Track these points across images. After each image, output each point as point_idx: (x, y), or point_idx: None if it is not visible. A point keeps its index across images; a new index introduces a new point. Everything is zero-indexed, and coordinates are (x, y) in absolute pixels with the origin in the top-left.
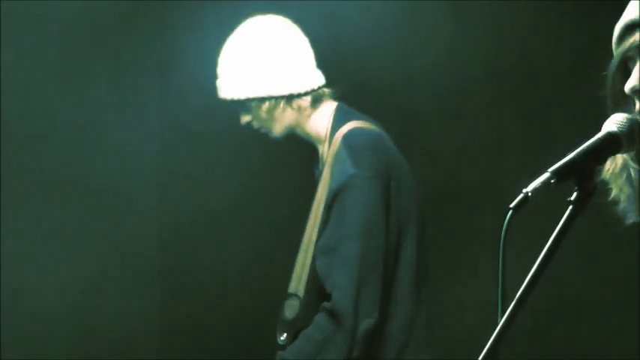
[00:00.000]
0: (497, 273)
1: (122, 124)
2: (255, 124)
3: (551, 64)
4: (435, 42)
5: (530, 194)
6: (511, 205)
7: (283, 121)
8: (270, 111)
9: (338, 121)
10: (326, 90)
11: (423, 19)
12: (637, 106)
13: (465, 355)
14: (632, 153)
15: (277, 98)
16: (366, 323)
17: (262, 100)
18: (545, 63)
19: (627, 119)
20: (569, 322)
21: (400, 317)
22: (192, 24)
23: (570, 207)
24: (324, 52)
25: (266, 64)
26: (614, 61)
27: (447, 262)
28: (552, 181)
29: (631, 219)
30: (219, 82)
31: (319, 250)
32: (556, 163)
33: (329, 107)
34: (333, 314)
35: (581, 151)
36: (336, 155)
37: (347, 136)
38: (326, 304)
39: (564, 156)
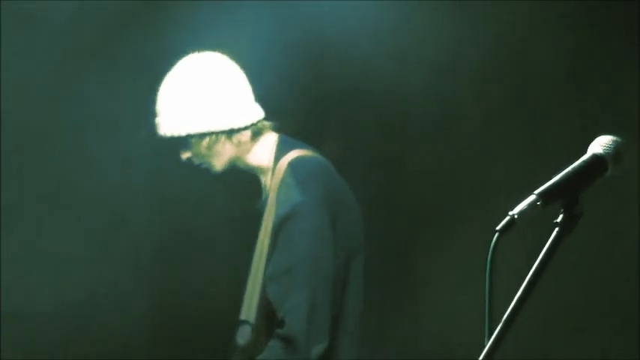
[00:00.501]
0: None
1: (117, 128)
2: (196, 160)
3: (544, 72)
4: (430, 46)
5: (516, 217)
6: (497, 228)
7: (224, 155)
8: (211, 146)
9: (281, 150)
10: (266, 123)
11: (415, 26)
12: None
13: None
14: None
15: (218, 133)
16: (318, 348)
17: (203, 135)
18: (538, 71)
19: (613, 141)
20: (569, 322)
21: (347, 342)
22: (191, 24)
23: (556, 229)
24: (316, 58)
25: (206, 100)
26: None
27: (436, 276)
28: (538, 203)
29: None
30: (158, 119)
31: (269, 277)
32: (545, 182)
33: (270, 139)
34: (286, 340)
35: (567, 173)
36: (282, 183)
37: (292, 165)
38: (279, 330)
39: (552, 177)
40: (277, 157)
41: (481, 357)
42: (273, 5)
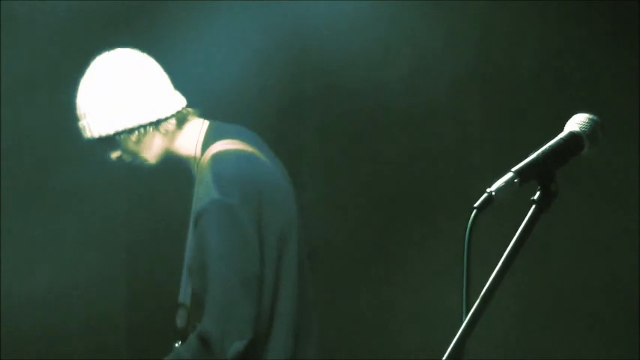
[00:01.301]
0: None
1: None
2: (127, 157)
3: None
4: (419, 45)
5: (493, 194)
6: (475, 205)
7: (154, 148)
8: (140, 140)
9: (209, 139)
10: (190, 109)
11: (403, 22)
12: None
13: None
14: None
15: (145, 126)
16: (236, 345)
17: (131, 130)
18: (525, 67)
19: (589, 119)
20: (569, 321)
21: (288, 340)
22: (188, 24)
23: (533, 207)
24: (310, 52)
25: (127, 95)
26: None
27: (414, 264)
28: (516, 180)
29: None
30: (82, 124)
31: (188, 270)
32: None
33: (196, 126)
34: (202, 338)
35: (544, 151)
36: (203, 177)
37: (214, 160)
38: (198, 326)
39: (527, 156)
40: (205, 146)
41: (459, 332)
42: (256, 5)
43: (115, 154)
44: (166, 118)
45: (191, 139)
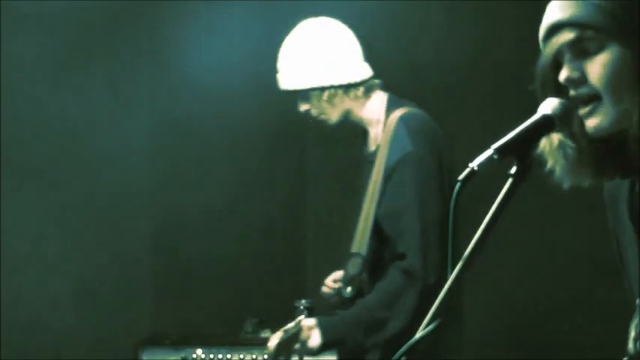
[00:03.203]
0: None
1: (116, 124)
2: (314, 112)
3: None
4: (424, 39)
5: (476, 168)
6: (459, 178)
7: (340, 108)
8: (330, 99)
9: (391, 106)
10: (376, 81)
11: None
12: (571, 92)
13: None
14: (566, 133)
15: (337, 87)
16: (431, 280)
17: (323, 89)
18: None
19: (560, 103)
20: (568, 320)
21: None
22: (188, 22)
23: (510, 179)
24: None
25: (325, 57)
26: (546, 59)
27: None
28: (495, 156)
29: (566, 185)
30: (280, 75)
31: (384, 216)
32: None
33: (380, 96)
34: (406, 272)
35: (520, 130)
36: (394, 134)
37: (404, 118)
38: (399, 262)
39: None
40: (388, 112)
41: (443, 291)
42: (265, 5)
43: (304, 107)
44: (355, 84)
45: (375, 105)
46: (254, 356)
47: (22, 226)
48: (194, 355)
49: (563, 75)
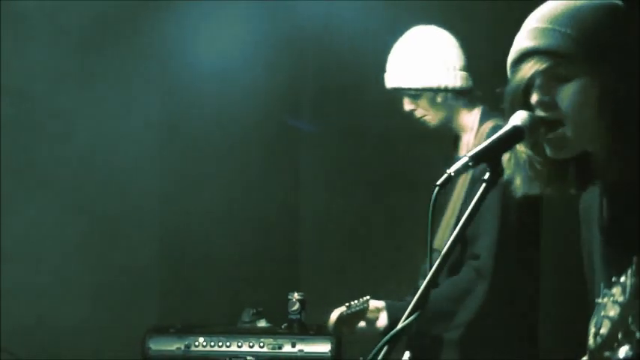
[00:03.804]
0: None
1: (123, 123)
2: (419, 113)
3: None
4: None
5: (452, 174)
6: (437, 183)
7: (446, 112)
8: (442, 102)
9: (484, 118)
10: (478, 92)
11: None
12: (538, 112)
13: None
14: (528, 143)
15: (450, 91)
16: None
17: (439, 91)
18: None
19: (529, 115)
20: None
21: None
22: (188, 22)
23: (483, 184)
24: (320, 49)
25: (444, 61)
26: (518, 83)
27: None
28: (470, 164)
29: (520, 193)
30: (394, 74)
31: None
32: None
33: (477, 107)
34: (478, 270)
35: (492, 140)
36: None
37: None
38: (472, 261)
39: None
40: (481, 122)
41: (423, 285)
42: (269, 5)
43: (409, 107)
44: (461, 89)
45: (473, 115)
46: (251, 344)
47: (33, 228)
48: (196, 343)
49: (535, 99)
